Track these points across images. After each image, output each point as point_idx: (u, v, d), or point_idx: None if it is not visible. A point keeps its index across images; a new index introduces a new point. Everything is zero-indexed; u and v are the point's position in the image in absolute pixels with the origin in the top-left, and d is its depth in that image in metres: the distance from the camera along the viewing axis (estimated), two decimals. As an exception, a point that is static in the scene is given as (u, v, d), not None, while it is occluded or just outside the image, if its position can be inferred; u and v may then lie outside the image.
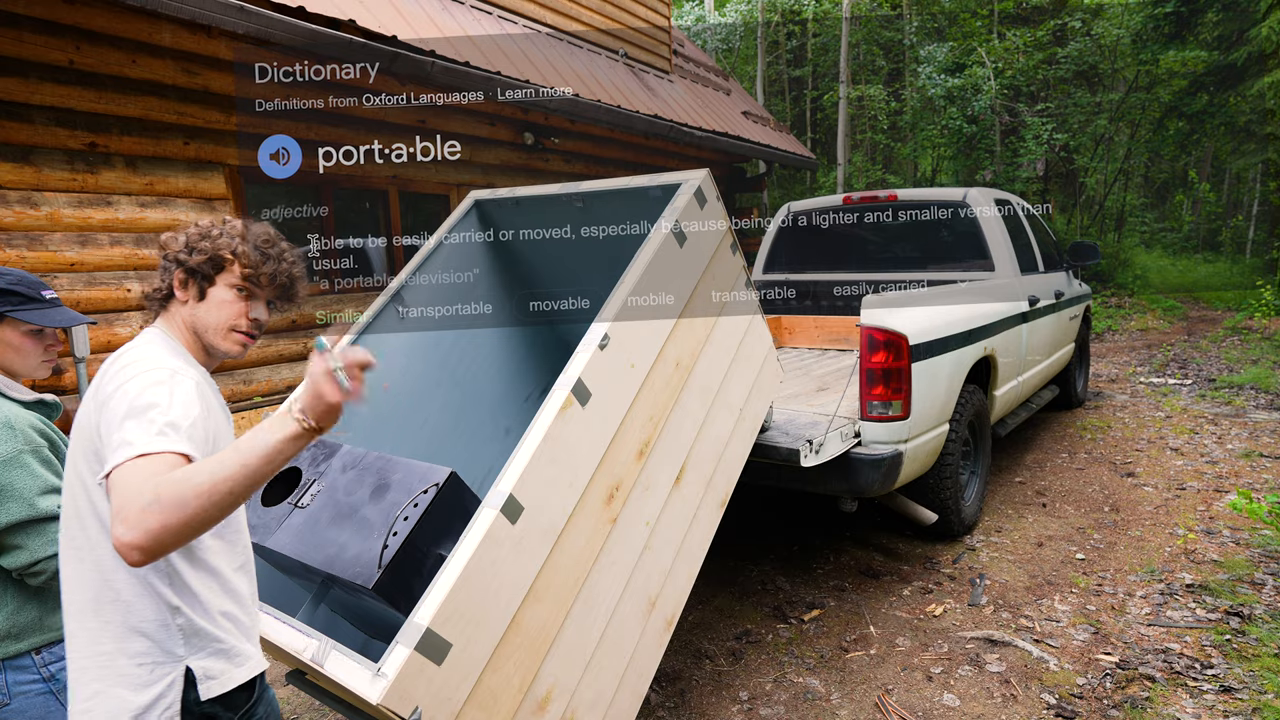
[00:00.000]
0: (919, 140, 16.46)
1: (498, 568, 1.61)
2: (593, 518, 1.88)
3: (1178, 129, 14.19)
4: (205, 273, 1.38)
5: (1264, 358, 8.54)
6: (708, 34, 19.70)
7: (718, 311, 2.48)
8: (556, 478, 1.77)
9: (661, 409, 2.13)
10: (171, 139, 4.37)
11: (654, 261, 2.18)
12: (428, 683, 1.45)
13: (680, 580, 2.24)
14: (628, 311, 2.05)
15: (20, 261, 3.82)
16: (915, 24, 19.18)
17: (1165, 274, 18.78)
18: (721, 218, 2.54)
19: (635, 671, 2.02)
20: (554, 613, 1.76)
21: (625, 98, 7.26)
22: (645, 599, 2.06)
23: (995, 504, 4.43)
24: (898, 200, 4.97)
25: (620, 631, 1.97)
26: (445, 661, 1.48)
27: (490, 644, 1.59)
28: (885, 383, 3.14)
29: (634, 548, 2.02)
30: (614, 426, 1.95)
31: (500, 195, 3.00)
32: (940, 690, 2.66)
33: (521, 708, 1.67)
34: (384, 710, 1.38)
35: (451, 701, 1.50)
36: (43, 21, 3.83)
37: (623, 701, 1.97)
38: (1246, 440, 5.51)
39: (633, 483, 2.02)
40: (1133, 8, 13.87)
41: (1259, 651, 2.79)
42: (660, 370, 2.14)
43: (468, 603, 1.53)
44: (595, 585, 1.89)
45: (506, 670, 1.63)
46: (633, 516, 2.02)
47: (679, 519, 2.22)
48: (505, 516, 1.62)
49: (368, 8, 4.96)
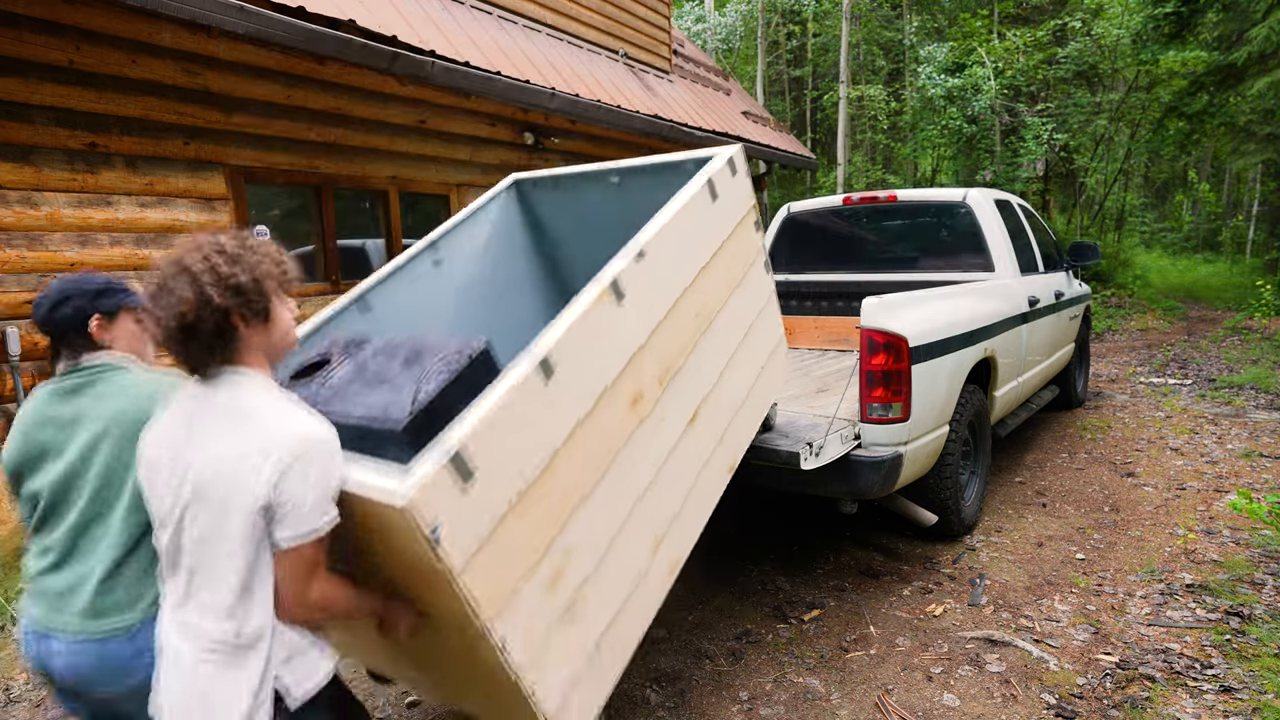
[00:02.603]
0: (919, 140, 16.45)
1: (528, 419, 1.63)
2: (618, 414, 1.92)
3: (1178, 129, 14.18)
4: (264, 302, 1.41)
5: (1264, 358, 8.54)
6: (708, 34, 19.69)
7: (738, 280, 2.56)
8: (588, 359, 1.82)
9: (681, 348, 2.20)
10: (171, 139, 4.37)
11: (688, 205, 2.27)
12: (451, 503, 1.44)
13: (686, 527, 2.24)
14: (662, 236, 2.14)
15: (20, 261, 3.82)
16: (915, 24, 19.18)
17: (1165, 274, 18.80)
18: (749, 192, 2.65)
19: (639, 601, 2.01)
20: (572, 491, 1.76)
21: (625, 98, 7.25)
22: (652, 534, 2.08)
23: (995, 504, 4.44)
24: (898, 201, 4.97)
25: (629, 550, 1.98)
26: (469, 489, 1.48)
27: (512, 492, 1.59)
28: (885, 385, 3.14)
29: (647, 471, 2.04)
30: (641, 337, 2.02)
31: (538, 175, 3.12)
32: (940, 690, 2.66)
33: (533, 575, 1.65)
34: (409, 517, 1.36)
35: (470, 535, 1.48)
36: (43, 21, 3.83)
37: (623, 628, 1.95)
38: (1246, 440, 5.51)
39: (654, 401, 2.06)
40: (1133, 8, 13.86)
41: (1259, 651, 2.79)
42: (684, 309, 2.22)
43: (497, 441, 1.55)
44: (614, 481, 1.90)
45: (523, 530, 1.62)
46: (649, 436, 2.05)
47: (690, 461, 2.24)
48: (540, 373, 1.67)
49: (368, 8, 4.96)
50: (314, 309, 5.19)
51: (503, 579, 1.57)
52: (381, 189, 5.65)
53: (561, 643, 1.75)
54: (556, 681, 1.73)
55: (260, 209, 4.96)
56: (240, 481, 1.30)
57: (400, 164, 5.72)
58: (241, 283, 1.36)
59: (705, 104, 9.20)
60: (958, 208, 4.74)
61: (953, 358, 3.51)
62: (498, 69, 5.65)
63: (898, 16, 19.95)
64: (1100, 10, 14.79)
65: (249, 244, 1.42)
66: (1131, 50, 14.26)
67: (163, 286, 1.34)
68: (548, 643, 1.71)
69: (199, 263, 1.34)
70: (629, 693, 2.72)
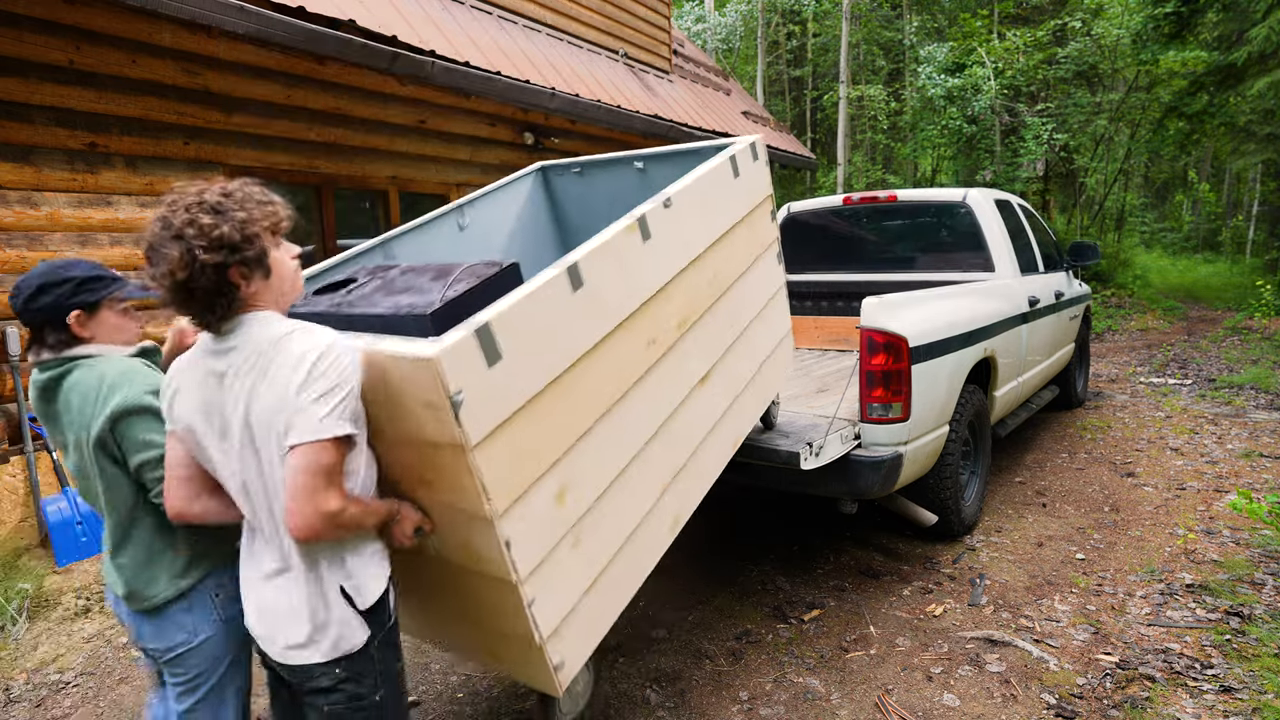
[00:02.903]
0: (919, 140, 16.44)
1: (554, 320, 1.67)
2: (635, 349, 1.97)
3: (1178, 129, 14.17)
4: (259, 255, 1.37)
5: (1264, 358, 8.54)
6: (708, 34, 19.69)
7: (752, 260, 2.63)
8: (613, 281, 1.87)
9: (696, 306, 2.26)
10: (171, 139, 4.37)
11: (712, 173, 2.37)
12: (476, 376, 1.46)
13: (691, 484, 2.27)
14: (687, 193, 2.23)
15: (20, 261, 3.82)
16: (915, 24, 19.18)
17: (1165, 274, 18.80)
18: (768, 181, 2.76)
19: (639, 547, 2.02)
20: (585, 411, 1.78)
21: (625, 98, 7.25)
22: (658, 480, 2.10)
23: (995, 504, 4.44)
24: (898, 201, 4.97)
25: (635, 491, 1.99)
26: (494, 368, 1.50)
27: (532, 387, 1.61)
28: (885, 385, 3.14)
29: (657, 415, 2.07)
30: (661, 279, 2.08)
31: (564, 161, 3.25)
32: (940, 690, 2.66)
33: (542, 485, 1.66)
34: (437, 371, 1.39)
35: (488, 414, 1.50)
36: (43, 21, 3.83)
37: (621, 573, 1.96)
38: (1246, 440, 5.51)
39: (668, 348, 2.11)
40: (1133, 8, 13.86)
41: (1259, 651, 2.79)
42: (701, 270, 2.29)
43: (523, 330, 1.58)
44: (625, 415, 1.93)
45: (538, 433, 1.64)
46: (662, 381, 2.09)
47: (698, 421, 2.29)
48: (569, 279, 1.72)
49: (368, 8, 4.96)
50: (314, 309, 5.20)
51: (513, 476, 1.58)
52: (381, 189, 5.65)
53: (563, 567, 1.74)
54: (555, 605, 1.72)
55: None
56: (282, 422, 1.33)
57: (400, 164, 5.72)
58: (227, 235, 1.30)
59: (705, 104, 9.20)
60: (958, 208, 4.74)
61: (953, 358, 3.51)
62: (498, 69, 5.65)
63: (898, 16, 19.95)
64: (1100, 10, 14.78)
65: (232, 193, 1.36)
66: (1131, 50, 14.26)
67: (153, 248, 1.31)
68: (550, 560, 1.69)
69: (182, 219, 1.29)
70: (629, 693, 2.72)
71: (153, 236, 1.32)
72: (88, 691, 2.91)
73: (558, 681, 1.77)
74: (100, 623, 3.35)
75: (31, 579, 3.48)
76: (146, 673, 1.85)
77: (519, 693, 2.74)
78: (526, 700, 2.69)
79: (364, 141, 5.42)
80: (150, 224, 1.34)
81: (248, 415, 1.36)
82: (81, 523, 3.70)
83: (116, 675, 3.01)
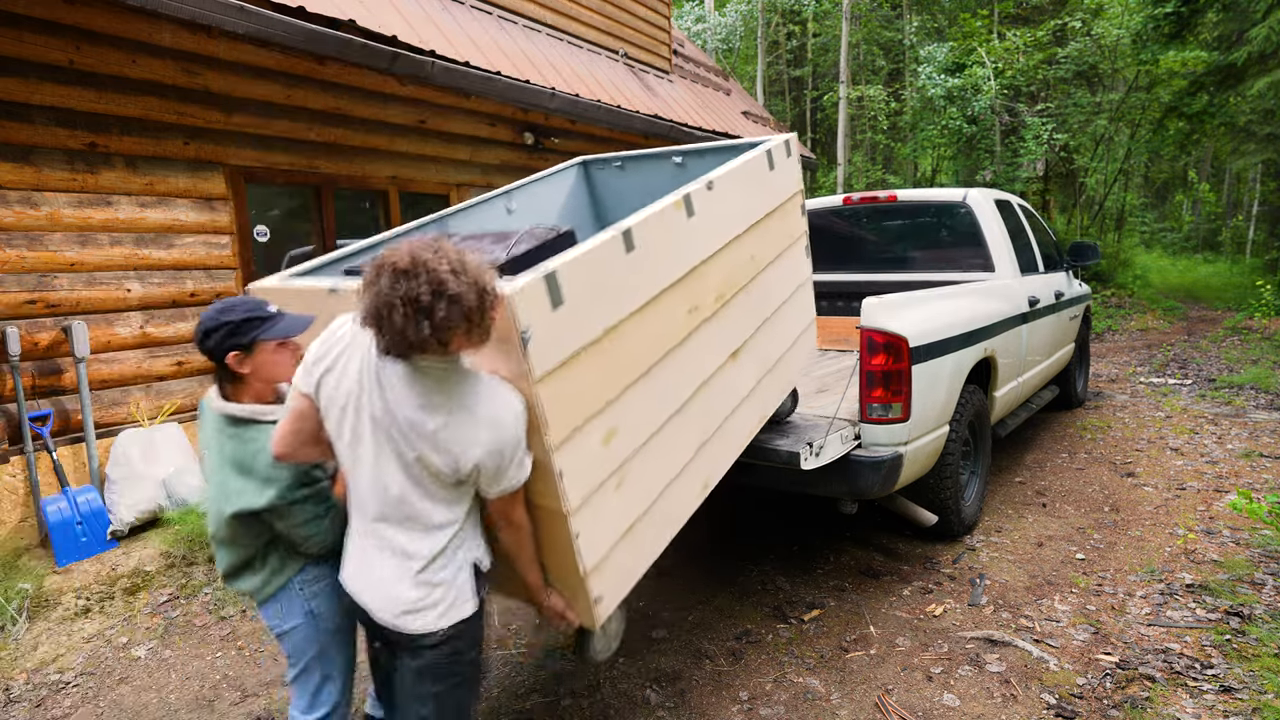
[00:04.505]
0: (919, 140, 16.45)
1: (609, 276, 1.85)
2: (677, 315, 2.14)
3: (1178, 129, 14.17)
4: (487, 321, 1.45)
5: (1264, 358, 8.54)
6: (708, 34, 19.69)
7: (783, 249, 2.82)
8: (660, 249, 2.05)
9: (732, 284, 2.44)
10: (171, 139, 4.37)
11: (750, 163, 2.57)
12: (541, 316, 1.61)
13: (720, 451, 2.43)
14: (727, 178, 2.41)
15: (20, 261, 3.82)
16: (915, 24, 19.18)
17: (1165, 274, 18.80)
18: (799, 177, 2.94)
19: (673, 500, 2.17)
20: (632, 364, 1.95)
21: (625, 98, 7.25)
22: (693, 440, 2.25)
23: (995, 504, 4.44)
24: (898, 201, 4.97)
25: (672, 445, 2.15)
26: (557, 311, 1.66)
27: (589, 334, 1.77)
28: (885, 385, 3.14)
29: (693, 379, 2.24)
30: (702, 254, 2.25)
31: (605, 156, 3.44)
32: (940, 690, 2.66)
33: (593, 425, 1.81)
34: (510, 306, 1.53)
35: (551, 352, 1.65)
36: (43, 21, 3.83)
37: (655, 523, 2.10)
38: (1246, 440, 5.52)
39: (706, 318, 2.28)
40: (1133, 8, 13.86)
41: (1259, 651, 2.79)
42: (737, 251, 2.47)
43: (583, 281, 1.74)
44: (666, 374, 2.10)
45: (591, 376, 1.79)
46: (699, 349, 2.26)
47: (729, 391, 2.45)
48: (623, 241, 1.90)
49: (368, 8, 4.96)
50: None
51: (569, 412, 1.72)
52: (381, 189, 5.65)
53: (607, 507, 1.89)
54: (598, 541, 1.86)
55: (260, 209, 4.96)
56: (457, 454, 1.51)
57: (400, 164, 5.71)
58: (482, 305, 1.41)
59: (705, 104, 9.20)
60: (958, 208, 4.74)
61: (953, 358, 3.51)
62: (498, 69, 5.65)
63: (898, 16, 19.95)
64: (1100, 10, 14.78)
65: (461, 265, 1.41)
66: (1131, 50, 14.26)
67: (410, 299, 1.35)
68: (596, 498, 1.84)
69: (449, 275, 1.36)
70: (629, 693, 2.72)
71: (414, 288, 1.36)
72: (88, 691, 2.91)
73: (596, 615, 1.90)
74: (100, 623, 3.35)
75: (31, 579, 3.48)
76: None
77: (519, 693, 2.74)
78: (527, 700, 2.69)
79: (364, 141, 5.42)
80: (402, 268, 1.37)
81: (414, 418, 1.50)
82: (81, 523, 3.70)
83: (116, 675, 3.01)
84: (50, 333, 3.93)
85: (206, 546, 3.78)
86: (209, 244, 4.59)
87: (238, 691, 2.87)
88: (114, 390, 4.22)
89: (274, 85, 4.83)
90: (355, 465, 1.62)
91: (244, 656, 3.12)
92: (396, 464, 1.55)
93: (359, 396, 1.56)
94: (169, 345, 4.44)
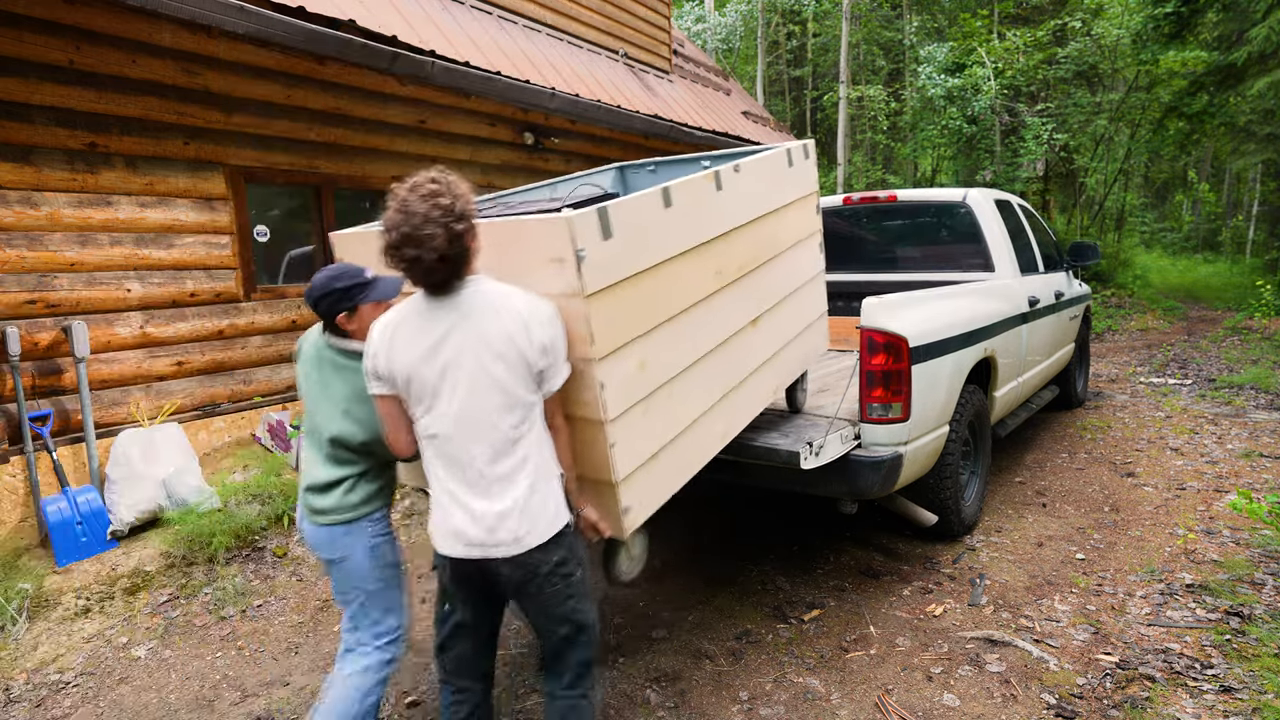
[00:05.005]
0: (919, 140, 16.45)
1: (649, 223, 2.12)
2: (705, 273, 2.41)
3: (1178, 129, 14.17)
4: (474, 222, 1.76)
5: (1264, 358, 8.54)
6: (708, 34, 19.69)
7: (799, 239, 3.09)
8: (693, 211, 2.33)
9: (755, 257, 2.72)
10: (171, 139, 4.37)
11: (772, 157, 2.87)
12: (593, 243, 1.87)
13: (739, 407, 2.67)
14: (751, 165, 2.69)
15: (20, 261, 3.82)
16: (915, 24, 19.18)
17: (1165, 274, 18.80)
18: (815, 178, 3.24)
19: (694, 439, 2.39)
20: (664, 305, 2.20)
21: (625, 98, 7.25)
22: (715, 388, 2.50)
23: (995, 504, 4.44)
24: (898, 201, 4.97)
25: (696, 388, 2.39)
26: (606, 242, 1.92)
27: (630, 268, 2.03)
28: (885, 385, 3.14)
29: (717, 333, 2.49)
30: (730, 224, 2.53)
31: (640, 162, 3.76)
32: (940, 690, 2.66)
33: (630, 350, 2.05)
34: (569, 227, 1.79)
35: (599, 275, 1.90)
36: (43, 21, 3.83)
37: (678, 455, 2.32)
38: (1246, 440, 5.52)
39: (730, 281, 2.55)
40: (1133, 8, 13.85)
41: (1259, 651, 2.79)
42: (759, 230, 2.75)
43: (628, 223, 2.01)
44: (692, 323, 2.35)
45: (631, 305, 2.04)
46: (723, 308, 2.52)
47: (749, 354, 2.71)
48: (662, 197, 2.18)
49: (368, 8, 4.96)
50: (314, 309, 5.19)
51: (612, 332, 1.97)
52: (381, 189, 5.64)
53: (637, 427, 2.11)
54: (629, 455, 2.07)
55: (260, 209, 4.96)
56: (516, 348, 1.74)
57: (400, 164, 5.71)
58: (461, 208, 1.68)
59: (705, 104, 9.20)
60: (958, 208, 4.74)
61: (952, 358, 3.51)
62: (498, 69, 5.65)
63: (898, 16, 19.95)
64: (1100, 10, 14.78)
65: (438, 179, 1.71)
66: (1131, 50, 14.25)
67: (409, 236, 1.64)
68: (629, 416, 2.06)
69: (425, 206, 1.64)
70: (629, 693, 2.72)
71: (405, 227, 1.64)
72: (88, 691, 2.91)
73: (624, 525, 2.09)
74: (100, 623, 3.36)
75: (31, 579, 3.48)
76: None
77: (519, 693, 2.74)
78: (527, 700, 2.69)
79: (364, 141, 5.42)
80: (392, 221, 1.66)
81: (481, 350, 1.74)
82: (81, 523, 3.70)
83: (116, 675, 3.01)
84: (50, 333, 3.93)
85: (207, 546, 3.78)
86: (209, 244, 4.59)
87: (238, 691, 2.87)
88: (114, 390, 4.22)
89: (274, 85, 4.83)
90: (442, 418, 1.79)
91: (244, 656, 3.12)
92: (486, 389, 1.75)
93: (426, 359, 1.77)
94: (169, 345, 4.44)
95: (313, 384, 2.15)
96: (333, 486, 2.11)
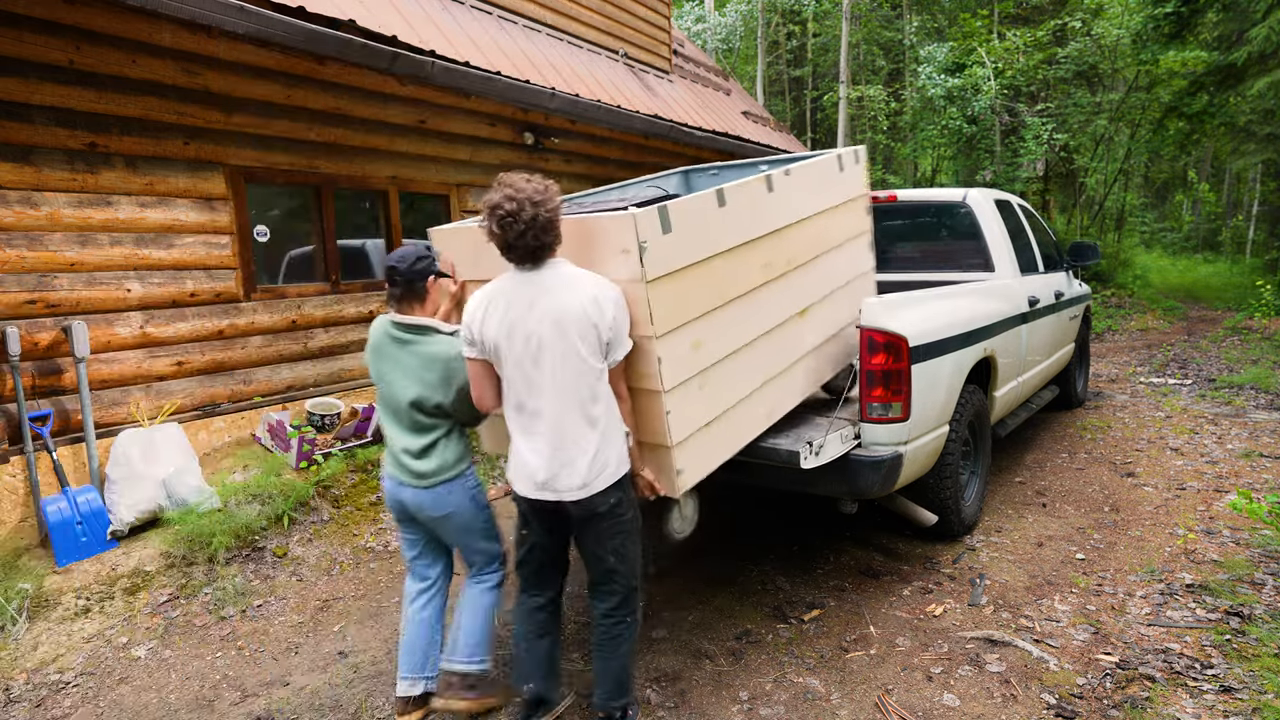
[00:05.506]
0: (919, 140, 16.44)
1: (704, 220, 2.40)
2: (754, 266, 2.66)
3: (1178, 129, 14.16)
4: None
5: (1264, 358, 8.54)
6: (708, 34, 19.69)
7: (848, 238, 3.35)
8: (744, 212, 2.59)
9: (803, 253, 2.97)
10: (171, 139, 4.37)
11: (822, 162, 3.14)
12: (655, 236, 2.17)
13: (784, 391, 2.92)
14: (802, 170, 2.97)
15: (20, 261, 3.82)
16: (915, 24, 19.17)
17: (1165, 274, 18.80)
18: (866, 182, 3.51)
19: (741, 416, 2.65)
20: (716, 293, 2.46)
21: (625, 98, 7.25)
22: (762, 371, 2.76)
23: (995, 504, 4.44)
24: (898, 201, 4.97)
25: (744, 370, 2.64)
26: (666, 236, 2.21)
27: (686, 259, 2.31)
28: (885, 384, 3.14)
29: (765, 321, 2.74)
30: (779, 222, 2.78)
31: (703, 166, 4.17)
32: (940, 690, 2.66)
33: (685, 331, 2.33)
34: (635, 222, 2.11)
35: (660, 264, 2.19)
36: (43, 21, 3.83)
37: (727, 427, 2.58)
38: (1246, 440, 5.51)
39: (778, 275, 2.80)
40: (1133, 8, 13.85)
41: (1259, 651, 2.79)
42: (809, 229, 3.00)
43: (685, 220, 2.29)
44: (742, 311, 2.59)
45: (686, 292, 2.32)
46: (771, 298, 2.77)
47: (794, 343, 2.96)
48: (717, 199, 2.46)
49: (368, 8, 4.96)
50: (315, 309, 5.19)
51: (670, 313, 2.25)
52: (381, 189, 5.65)
53: (691, 400, 2.37)
54: (683, 423, 2.34)
55: (260, 209, 4.95)
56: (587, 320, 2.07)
57: (400, 164, 5.71)
58: (555, 199, 2.07)
59: (705, 104, 9.20)
60: (958, 208, 4.74)
61: (952, 358, 3.51)
62: (498, 69, 5.65)
63: (898, 16, 19.94)
64: (1100, 10, 14.77)
65: (532, 179, 2.07)
66: (1131, 50, 14.25)
67: (512, 214, 2.00)
68: (683, 389, 2.33)
69: (535, 191, 2.03)
70: (629, 693, 2.72)
71: (511, 204, 2.00)
72: (88, 691, 2.91)
73: (678, 485, 2.37)
74: (100, 623, 3.35)
75: (31, 579, 3.47)
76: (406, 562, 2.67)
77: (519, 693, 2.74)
78: (526, 700, 2.69)
79: (364, 141, 5.42)
80: (502, 197, 2.02)
81: (559, 320, 2.06)
82: (81, 523, 3.70)
83: (116, 675, 3.01)
84: (50, 333, 3.93)
85: (207, 546, 3.78)
86: (209, 244, 4.59)
87: (238, 691, 2.87)
88: (114, 390, 4.22)
89: (274, 85, 4.83)
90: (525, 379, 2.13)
91: (244, 656, 3.12)
92: (562, 354, 2.07)
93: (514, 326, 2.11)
94: (169, 345, 4.44)
95: (385, 360, 2.43)
96: (429, 450, 2.40)
